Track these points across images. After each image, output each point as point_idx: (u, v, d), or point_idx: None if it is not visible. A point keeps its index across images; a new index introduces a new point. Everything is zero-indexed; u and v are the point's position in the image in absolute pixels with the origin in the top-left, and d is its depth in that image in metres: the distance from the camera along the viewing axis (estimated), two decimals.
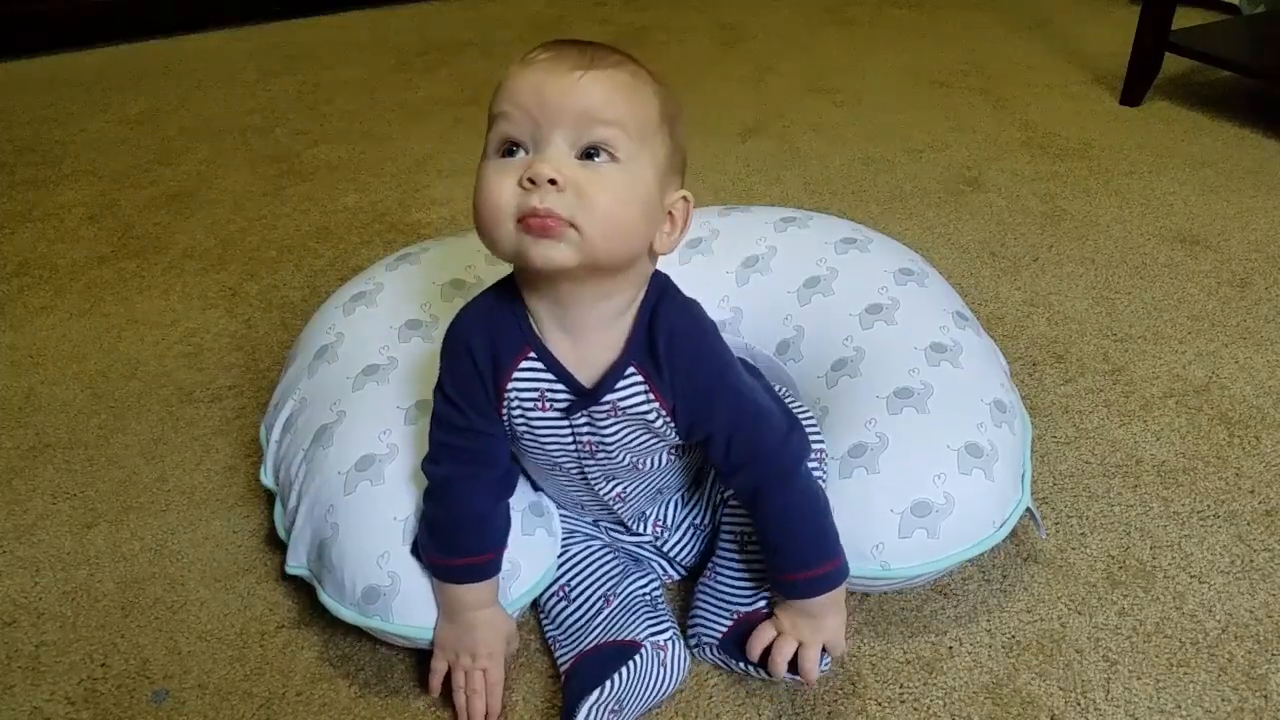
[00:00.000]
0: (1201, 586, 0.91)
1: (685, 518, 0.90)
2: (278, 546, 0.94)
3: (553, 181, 0.63)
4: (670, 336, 0.72)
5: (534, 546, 0.83)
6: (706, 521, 0.89)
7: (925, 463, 0.83)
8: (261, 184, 1.67)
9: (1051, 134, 1.78)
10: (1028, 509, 0.87)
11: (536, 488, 0.88)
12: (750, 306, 1.03)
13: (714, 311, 1.02)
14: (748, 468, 0.76)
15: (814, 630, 0.77)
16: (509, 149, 0.66)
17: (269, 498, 0.98)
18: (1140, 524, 0.97)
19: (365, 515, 0.81)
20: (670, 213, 0.71)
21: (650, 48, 2.24)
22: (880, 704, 0.81)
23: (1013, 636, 0.86)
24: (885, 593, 0.89)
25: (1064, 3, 2.49)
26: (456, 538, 0.77)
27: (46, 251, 1.48)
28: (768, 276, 1.04)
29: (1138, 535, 0.96)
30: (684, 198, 0.71)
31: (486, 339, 0.74)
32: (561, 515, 0.88)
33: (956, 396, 0.88)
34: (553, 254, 0.65)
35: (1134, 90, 1.87)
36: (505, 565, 0.80)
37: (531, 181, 0.63)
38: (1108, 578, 0.91)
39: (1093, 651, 0.85)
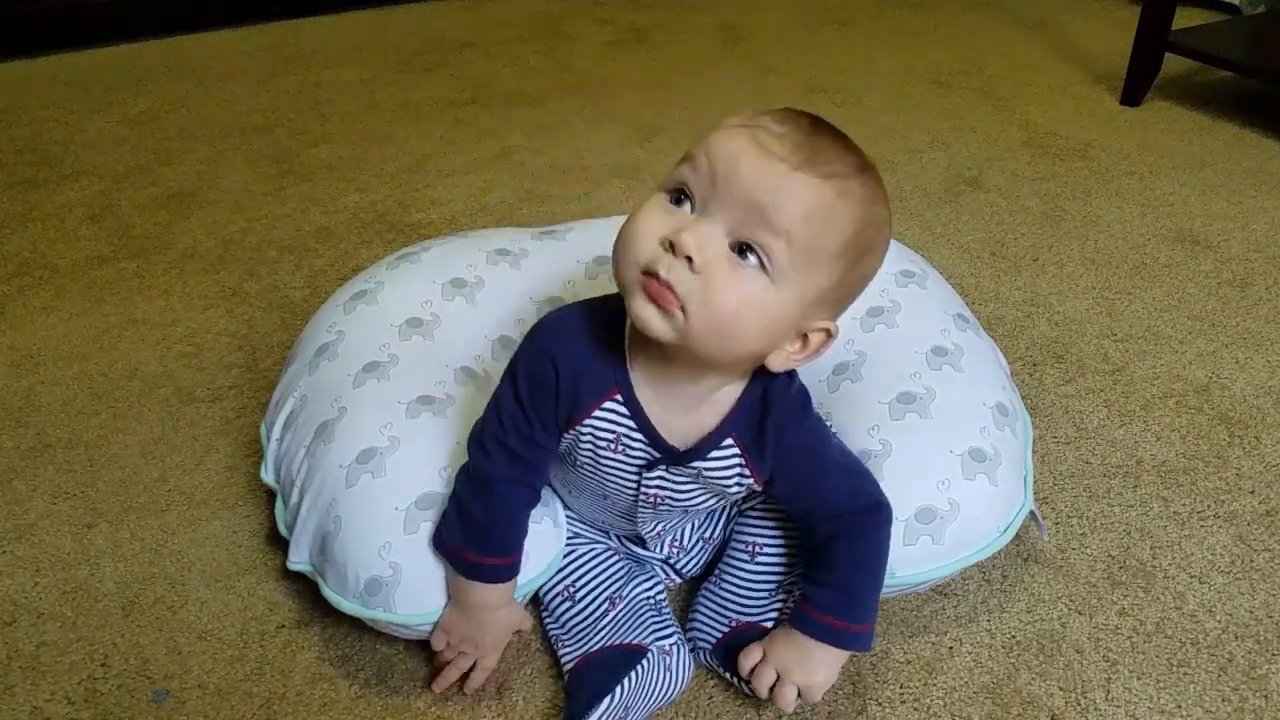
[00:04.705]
0: (1201, 586, 0.91)
1: (698, 533, 0.89)
2: (278, 546, 0.94)
3: (689, 258, 0.60)
4: (780, 421, 0.70)
5: (540, 535, 0.82)
6: (717, 535, 0.89)
7: (929, 469, 0.83)
8: (261, 184, 1.66)
9: (1051, 134, 1.78)
10: (1030, 511, 0.87)
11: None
12: None
13: None
14: (838, 524, 0.76)
15: (800, 672, 0.76)
16: (679, 196, 0.62)
17: (269, 497, 0.98)
18: (1140, 524, 0.97)
19: (367, 507, 0.81)
20: (805, 335, 0.66)
21: (650, 48, 2.25)
22: (880, 704, 0.81)
23: (1013, 636, 0.86)
24: (886, 597, 0.88)
25: (1064, 3, 2.49)
26: (491, 536, 0.76)
27: (46, 251, 1.48)
28: None
29: (1138, 535, 0.96)
30: (827, 330, 0.66)
31: (574, 360, 0.70)
32: (568, 514, 0.88)
33: (959, 401, 0.88)
34: (652, 322, 0.62)
35: (1134, 90, 1.87)
36: None
37: (672, 246, 0.60)
38: (1108, 578, 0.91)
39: (1093, 651, 0.85)
